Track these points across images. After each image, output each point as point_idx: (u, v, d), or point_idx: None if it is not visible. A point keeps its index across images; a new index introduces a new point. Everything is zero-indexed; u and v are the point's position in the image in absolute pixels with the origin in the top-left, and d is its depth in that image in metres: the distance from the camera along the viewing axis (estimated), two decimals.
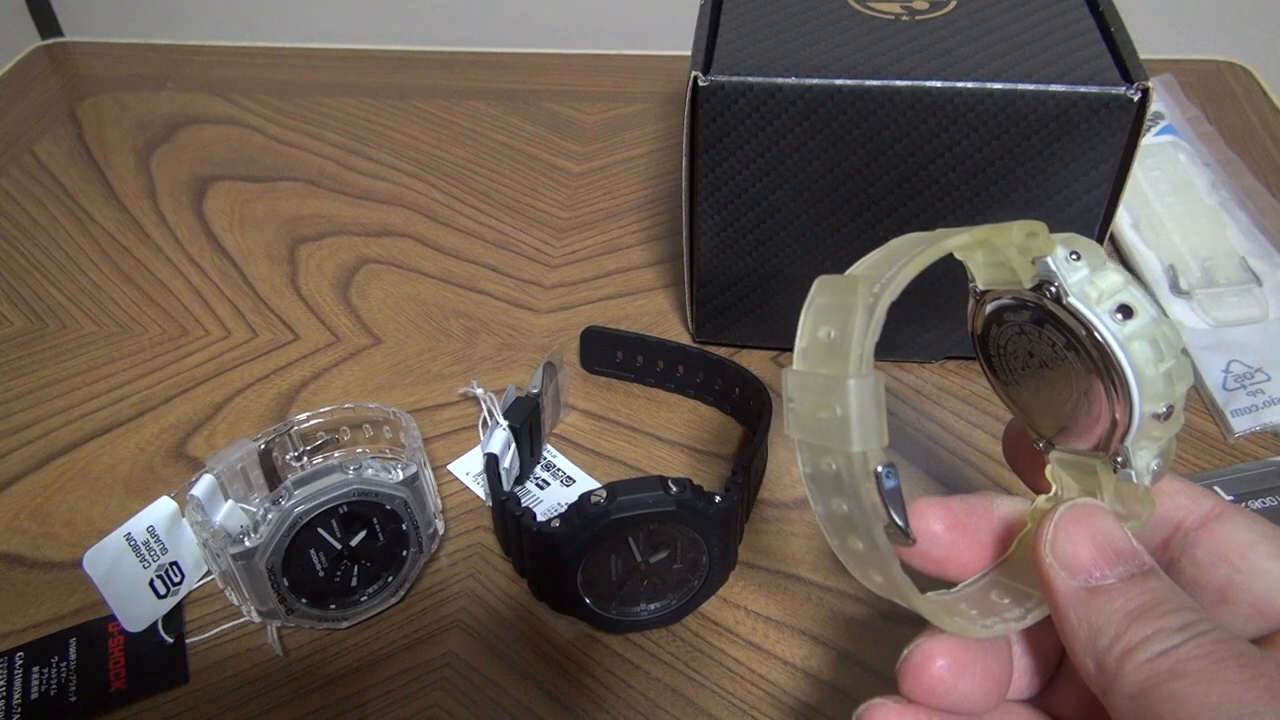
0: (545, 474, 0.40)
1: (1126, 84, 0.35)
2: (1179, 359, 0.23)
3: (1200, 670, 0.19)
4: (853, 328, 0.21)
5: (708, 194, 0.39)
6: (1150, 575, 0.22)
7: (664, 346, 0.42)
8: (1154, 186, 0.51)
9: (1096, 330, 0.23)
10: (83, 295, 0.50)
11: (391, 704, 0.33)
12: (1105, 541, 0.22)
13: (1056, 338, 0.24)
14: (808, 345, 0.23)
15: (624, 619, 0.34)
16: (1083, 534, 0.22)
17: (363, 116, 0.63)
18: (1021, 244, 0.24)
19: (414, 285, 0.50)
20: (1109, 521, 0.23)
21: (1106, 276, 0.23)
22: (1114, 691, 0.20)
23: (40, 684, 0.33)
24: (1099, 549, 0.22)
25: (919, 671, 0.23)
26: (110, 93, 0.66)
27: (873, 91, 0.36)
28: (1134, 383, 0.23)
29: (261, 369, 0.45)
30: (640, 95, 0.64)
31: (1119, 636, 0.21)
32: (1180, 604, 0.21)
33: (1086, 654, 0.21)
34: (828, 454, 0.22)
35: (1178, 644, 0.20)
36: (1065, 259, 0.23)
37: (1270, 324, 0.44)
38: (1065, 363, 0.24)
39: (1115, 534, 0.23)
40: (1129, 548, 0.22)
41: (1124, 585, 0.21)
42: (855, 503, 0.22)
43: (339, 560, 0.34)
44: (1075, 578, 0.22)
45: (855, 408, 0.21)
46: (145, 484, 0.40)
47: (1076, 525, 0.23)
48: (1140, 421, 0.23)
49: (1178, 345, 0.23)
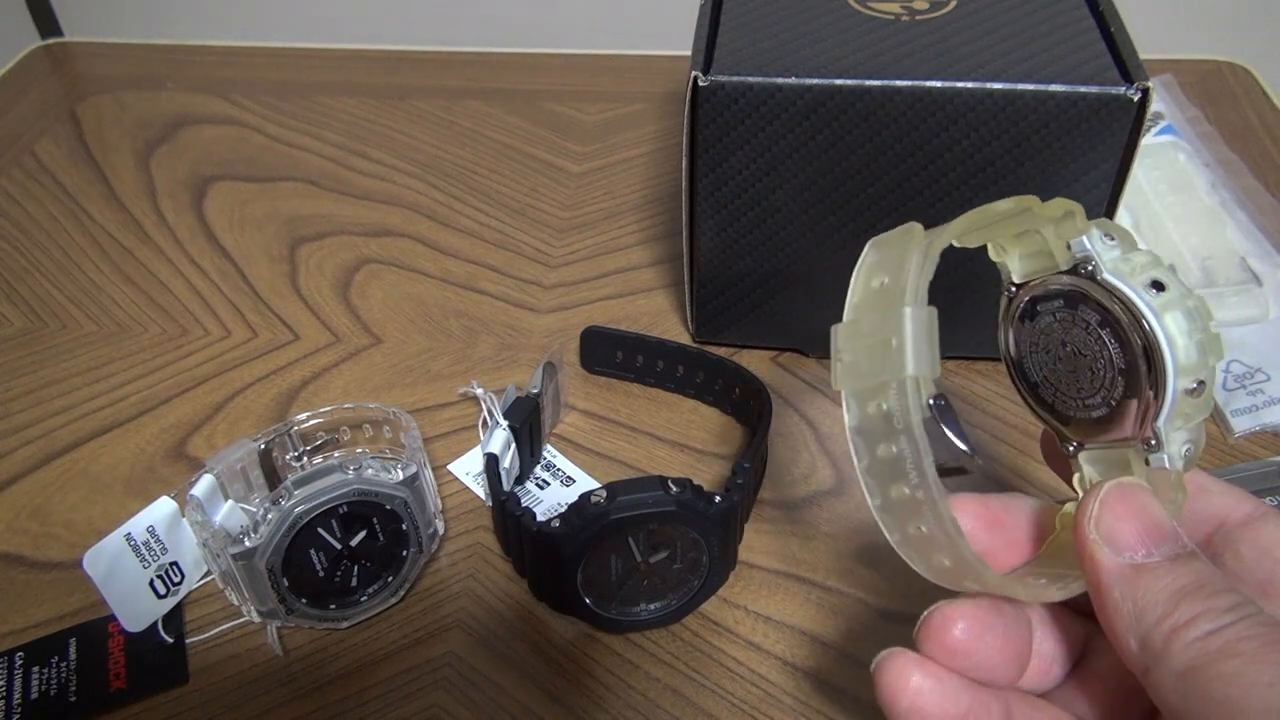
0: (545, 474, 0.40)
1: (1126, 84, 0.35)
2: (1209, 332, 0.23)
3: (1252, 651, 0.19)
4: (909, 266, 0.22)
5: (708, 194, 0.39)
6: (1194, 557, 0.22)
7: (664, 346, 0.42)
8: (1154, 186, 0.51)
9: (1132, 302, 0.24)
10: (83, 295, 0.50)
11: (391, 704, 0.33)
12: (1150, 520, 0.22)
13: (1091, 317, 0.25)
14: (860, 299, 0.24)
15: (624, 619, 0.34)
16: (1128, 511, 0.22)
17: (363, 116, 0.63)
18: (1059, 221, 0.25)
19: (414, 285, 0.50)
20: (1153, 501, 0.23)
21: (1139, 255, 0.24)
22: (1159, 669, 0.20)
23: (40, 684, 0.33)
24: (1144, 527, 0.22)
25: (939, 633, 0.23)
26: (110, 93, 0.66)
27: (873, 91, 0.36)
28: (1168, 353, 0.23)
29: (261, 369, 0.45)
30: (640, 95, 0.64)
31: (1166, 615, 0.21)
32: (1226, 586, 0.21)
33: (1130, 632, 0.21)
34: (878, 394, 0.23)
35: (1228, 623, 0.20)
36: (1100, 239, 0.24)
37: (1270, 324, 0.44)
38: (1099, 344, 0.24)
39: (1159, 514, 0.23)
40: (1172, 529, 0.22)
41: (1169, 564, 0.21)
42: (907, 436, 0.22)
43: (339, 560, 0.34)
44: (1120, 554, 0.22)
45: (910, 333, 0.22)
46: (145, 484, 0.40)
47: (1122, 502, 0.23)
48: (1174, 397, 0.23)
49: (1208, 318, 0.23)
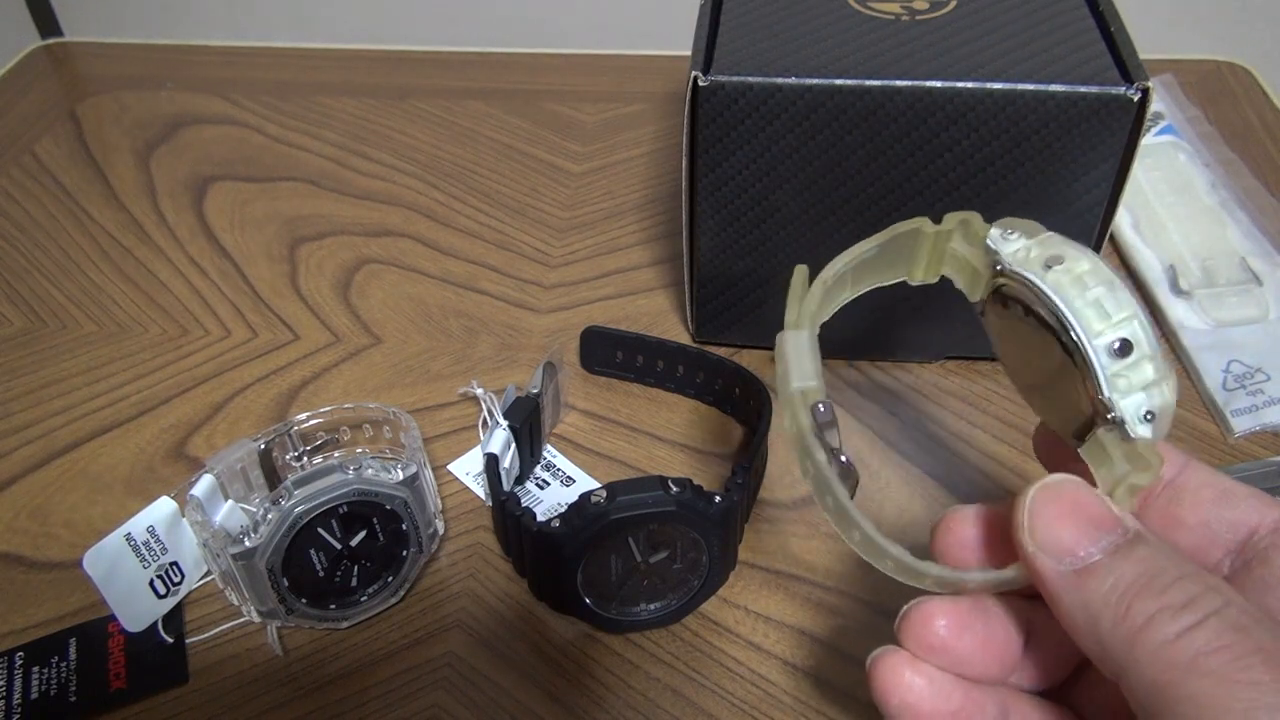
0: (545, 474, 0.40)
1: (1126, 84, 0.35)
2: (1112, 290, 0.23)
3: (1222, 669, 0.18)
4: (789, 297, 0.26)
5: (708, 194, 0.39)
6: (1137, 543, 0.21)
7: (664, 346, 0.42)
8: (1154, 186, 0.51)
9: (1030, 283, 0.24)
10: (83, 295, 0.50)
11: (391, 704, 0.33)
12: (1083, 515, 0.21)
13: (1018, 310, 0.25)
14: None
15: (624, 619, 0.34)
16: (1057, 512, 0.21)
17: (363, 116, 0.63)
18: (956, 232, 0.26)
19: (414, 285, 0.50)
20: (1082, 492, 0.22)
21: (1043, 243, 0.25)
22: (1128, 678, 0.19)
23: (40, 684, 0.33)
24: (1077, 525, 0.21)
25: (919, 630, 0.23)
26: (110, 93, 0.66)
27: (873, 91, 0.36)
28: (1070, 319, 0.23)
29: (261, 369, 0.45)
30: (640, 95, 0.64)
31: (1120, 618, 0.19)
32: (1179, 572, 0.20)
33: (1088, 639, 0.20)
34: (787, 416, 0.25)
35: (1191, 625, 0.18)
36: (1000, 236, 0.26)
37: (1270, 324, 0.44)
38: (1037, 333, 0.25)
39: (1091, 504, 0.21)
40: (1108, 515, 0.21)
41: (1111, 560, 0.20)
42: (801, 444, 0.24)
43: (339, 560, 0.34)
44: (1061, 561, 0.21)
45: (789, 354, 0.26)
46: (145, 484, 0.40)
47: (1049, 504, 0.22)
48: (1099, 362, 0.23)
49: (1106, 278, 0.23)
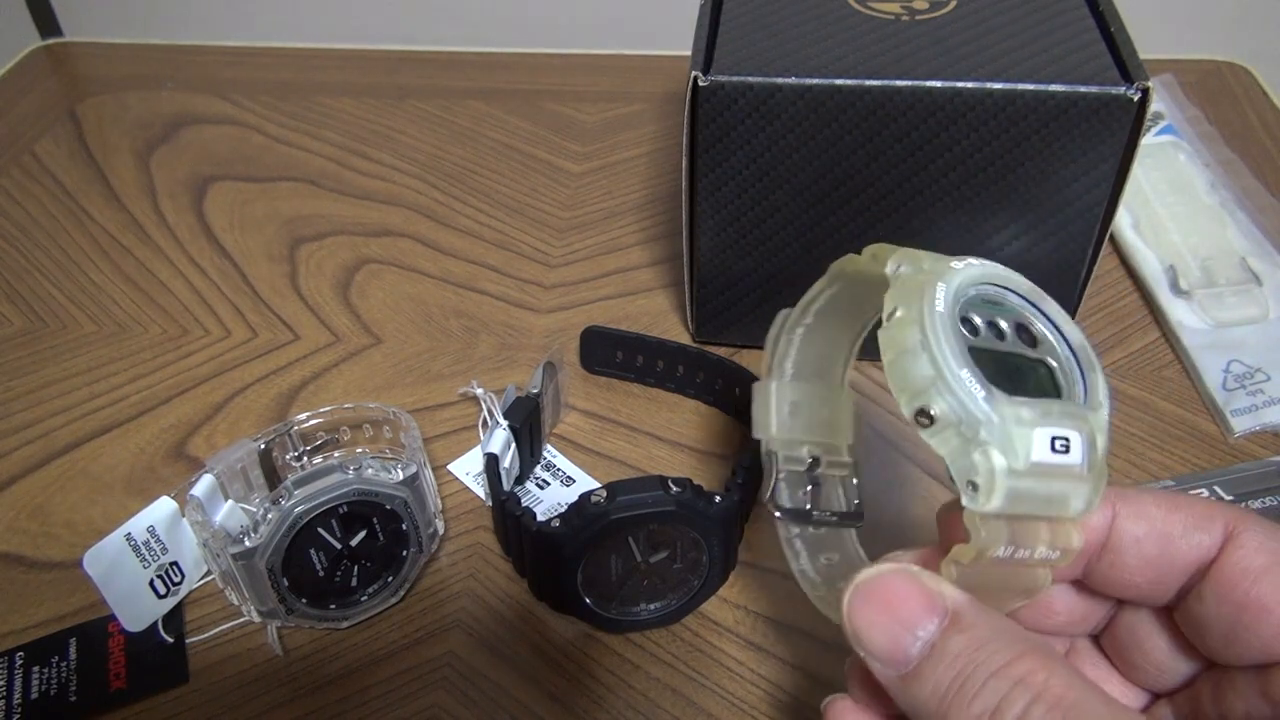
0: (545, 474, 0.40)
1: (1126, 84, 0.35)
2: (912, 354, 0.21)
3: None
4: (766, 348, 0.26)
5: (708, 194, 0.39)
6: (953, 633, 0.20)
7: (664, 346, 0.42)
8: (1154, 186, 0.51)
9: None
10: (83, 295, 0.50)
11: (391, 704, 0.33)
12: (896, 615, 0.21)
13: None
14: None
15: (624, 619, 0.34)
16: (873, 614, 0.21)
17: (363, 116, 0.63)
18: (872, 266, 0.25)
19: (414, 285, 0.50)
20: (894, 585, 0.21)
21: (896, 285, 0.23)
22: None
23: (40, 684, 0.33)
24: (892, 626, 0.21)
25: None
26: (110, 93, 0.66)
27: (873, 91, 0.36)
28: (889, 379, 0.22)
29: (261, 369, 0.45)
30: (640, 95, 0.64)
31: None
32: (991, 668, 0.19)
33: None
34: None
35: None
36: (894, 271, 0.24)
37: (1270, 324, 0.44)
38: None
39: (903, 600, 0.21)
40: (919, 611, 0.20)
41: (925, 664, 0.20)
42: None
43: (339, 560, 0.34)
44: (887, 667, 0.21)
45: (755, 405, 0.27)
46: (145, 484, 0.40)
47: (865, 605, 0.21)
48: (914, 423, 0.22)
49: (909, 343, 0.22)
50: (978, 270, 0.23)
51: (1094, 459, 0.21)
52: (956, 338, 0.21)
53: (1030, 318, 0.23)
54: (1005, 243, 0.39)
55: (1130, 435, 0.41)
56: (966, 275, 0.22)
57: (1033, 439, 0.21)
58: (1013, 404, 0.21)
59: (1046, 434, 0.21)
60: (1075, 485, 0.21)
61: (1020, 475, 0.21)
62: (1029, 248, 0.39)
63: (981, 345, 0.22)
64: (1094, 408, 0.22)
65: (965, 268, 0.23)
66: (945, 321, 0.21)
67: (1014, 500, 0.21)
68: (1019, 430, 0.21)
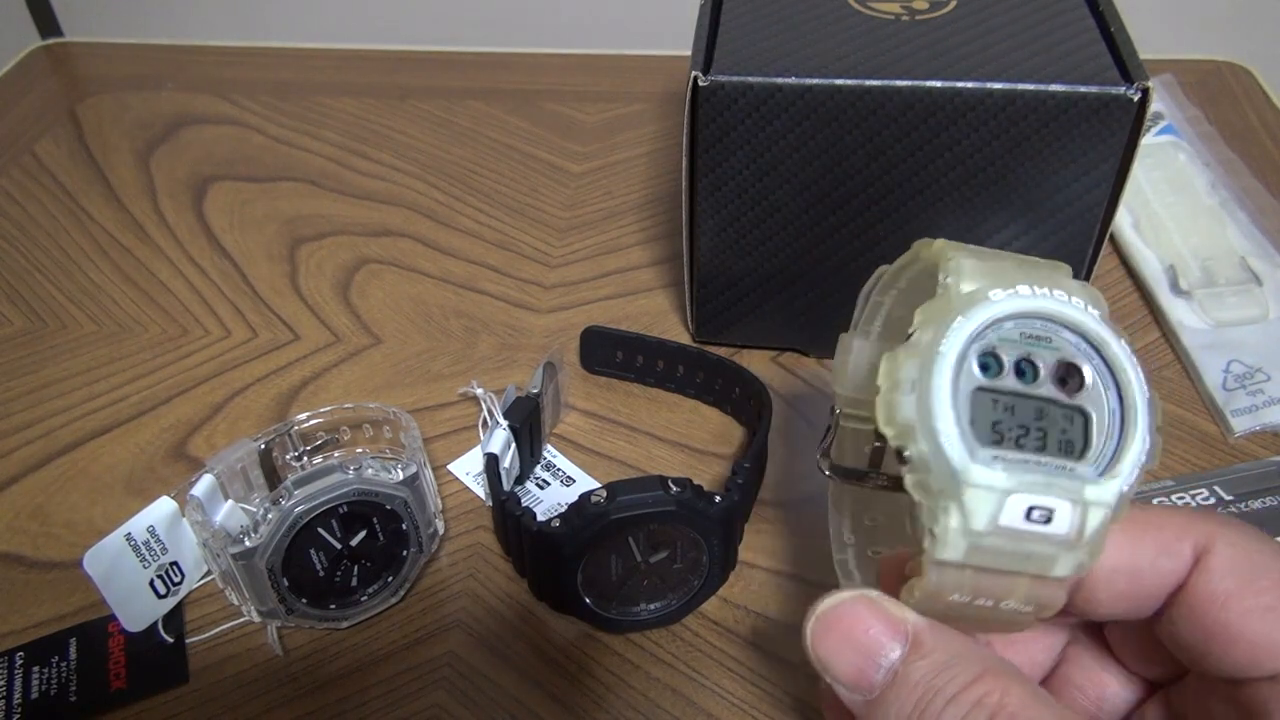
0: (545, 474, 0.40)
1: (1126, 84, 0.35)
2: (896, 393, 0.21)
3: None
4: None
5: (708, 194, 0.39)
6: (914, 658, 0.20)
7: (664, 346, 0.42)
8: (1154, 186, 0.51)
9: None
10: (83, 295, 0.50)
11: (391, 704, 0.33)
12: (857, 643, 0.21)
13: None
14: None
15: (624, 619, 0.34)
16: (835, 642, 0.21)
17: (363, 116, 0.63)
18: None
19: (414, 285, 0.50)
20: (854, 612, 0.21)
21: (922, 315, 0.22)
22: None
23: (40, 684, 0.33)
24: (854, 655, 0.21)
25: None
26: (110, 93, 0.66)
27: (873, 91, 0.36)
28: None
29: (261, 369, 0.45)
30: (640, 95, 0.64)
31: None
32: (949, 694, 0.20)
33: None
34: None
35: None
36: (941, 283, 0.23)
37: (1270, 324, 0.44)
38: None
39: (863, 627, 0.21)
40: (881, 636, 0.21)
41: (888, 693, 0.20)
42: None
43: (339, 560, 0.34)
44: (853, 692, 0.21)
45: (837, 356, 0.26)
46: (145, 484, 0.40)
47: (827, 634, 0.21)
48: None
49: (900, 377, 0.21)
50: (1021, 303, 0.21)
51: (1086, 531, 0.20)
52: (953, 383, 0.20)
53: (1081, 360, 0.21)
54: (1005, 243, 0.39)
55: None
56: (1000, 309, 0.21)
57: (1004, 505, 0.20)
58: (990, 467, 0.20)
59: (1023, 501, 0.20)
60: (1060, 551, 0.20)
61: (983, 535, 0.20)
62: (1029, 248, 0.39)
63: (998, 386, 0.21)
64: (1111, 476, 0.21)
65: (1005, 299, 0.21)
66: (947, 364, 0.21)
67: (976, 555, 0.20)
68: (987, 495, 0.20)
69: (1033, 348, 0.21)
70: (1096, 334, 0.21)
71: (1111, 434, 0.21)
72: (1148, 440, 0.21)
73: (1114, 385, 0.21)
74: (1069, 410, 0.21)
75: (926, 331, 0.21)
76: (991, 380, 0.21)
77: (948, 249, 0.22)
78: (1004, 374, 0.21)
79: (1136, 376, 0.21)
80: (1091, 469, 0.21)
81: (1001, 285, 0.21)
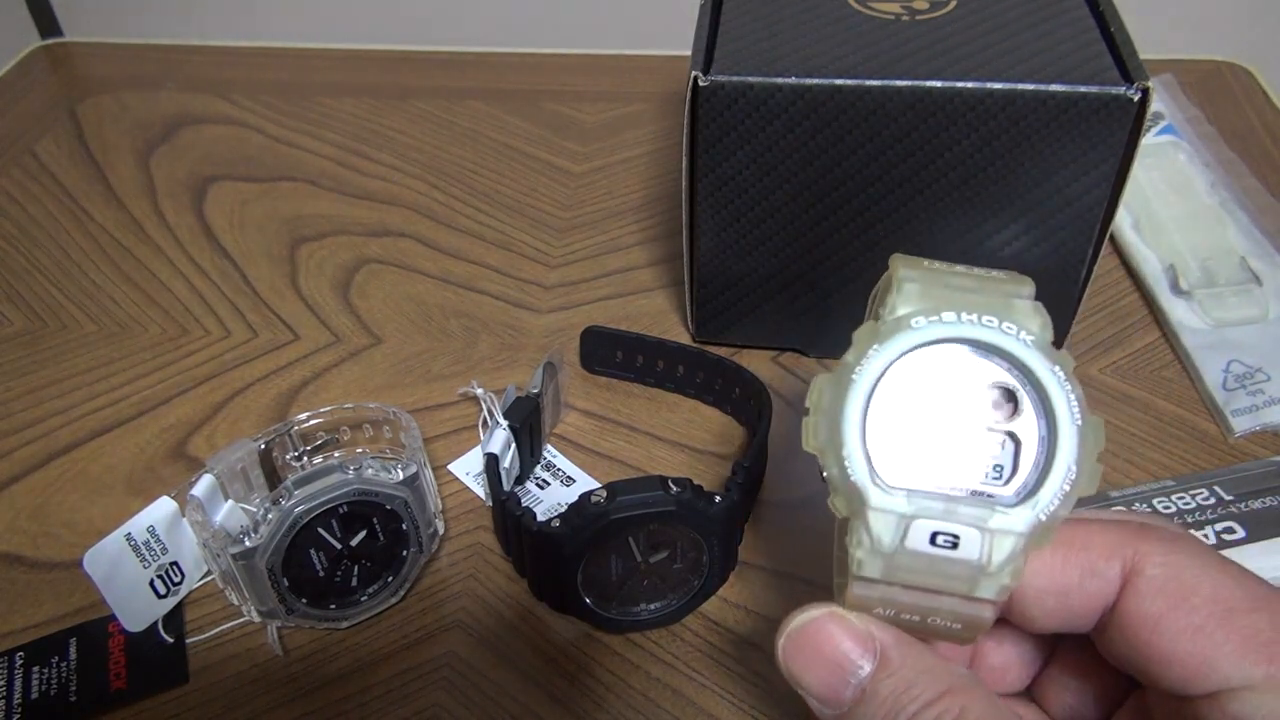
0: (545, 474, 0.40)
1: (1126, 84, 0.35)
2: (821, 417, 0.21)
3: None
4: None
5: (708, 194, 0.39)
6: (881, 675, 0.21)
7: (664, 346, 0.42)
8: (1154, 186, 0.51)
9: None
10: (83, 295, 0.50)
11: (391, 704, 0.33)
12: (827, 660, 0.21)
13: None
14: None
15: (624, 619, 0.34)
16: (807, 659, 0.22)
17: (363, 116, 0.63)
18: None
19: (414, 285, 0.50)
20: (823, 628, 0.22)
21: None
22: None
23: (40, 684, 0.33)
24: (824, 671, 0.21)
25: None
26: (110, 93, 0.66)
27: (873, 91, 0.36)
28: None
29: (261, 369, 0.45)
30: (640, 95, 0.64)
31: None
32: (912, 710, 0.20)
33: None
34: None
35: None
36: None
37: (1270, 324, 0.44)
38: None
39: (832, 643, 0.21)
40: (850, 651, 0.21)
41: (859, 706, 0.21)
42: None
43: (339, 560, 0.34)
44: (823, 705, 0.21)
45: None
46: (145, 484, 0.40)
47: (799, 651, 0.22)
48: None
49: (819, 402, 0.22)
50: (944, 330, 0.21)
51: (993, 559, 0.20)
52: (864, 409, 0.21)
53: (1015, 385, 0.21)
54: (1005, 243, 0.39)
55: (1130, 435, 0.41)
56: (920, 337, 0.21)
57: (909, 530, 0.21)
58: (891, 494, 0.21)
59: (926, 527, 0.21)
60: (977, 574, 0.21)
61: (895, 555, 0.21)
62: (1029, 248, 0.39)
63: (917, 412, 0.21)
64: (1027, 504, 0.21)
65: (927, 327, 0.21)
66: (860, 391, 0.21)
67: (894, 573, 0.21)
68: (887, 519, 0.21)
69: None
70: (1023, 360, 0.21)
71: (1039, 461, 0.21)
72: (1073, 469, 0.21)
73: (1045, 412, 0.21)
74: (1002, 434, 0.21)
75: (849, 356, 0.21)
76: (908, 408, 0.21)
77: (899, 268, 0.22)
78: (925, 400, 0.21)
79: (1067, 404, 0.21)
80: (1013, 495, 0.21)
81: (930, 312, 0.21)
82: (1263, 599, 0.20)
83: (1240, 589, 0.20)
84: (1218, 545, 0.35)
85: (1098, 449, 0.21)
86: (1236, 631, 0.19)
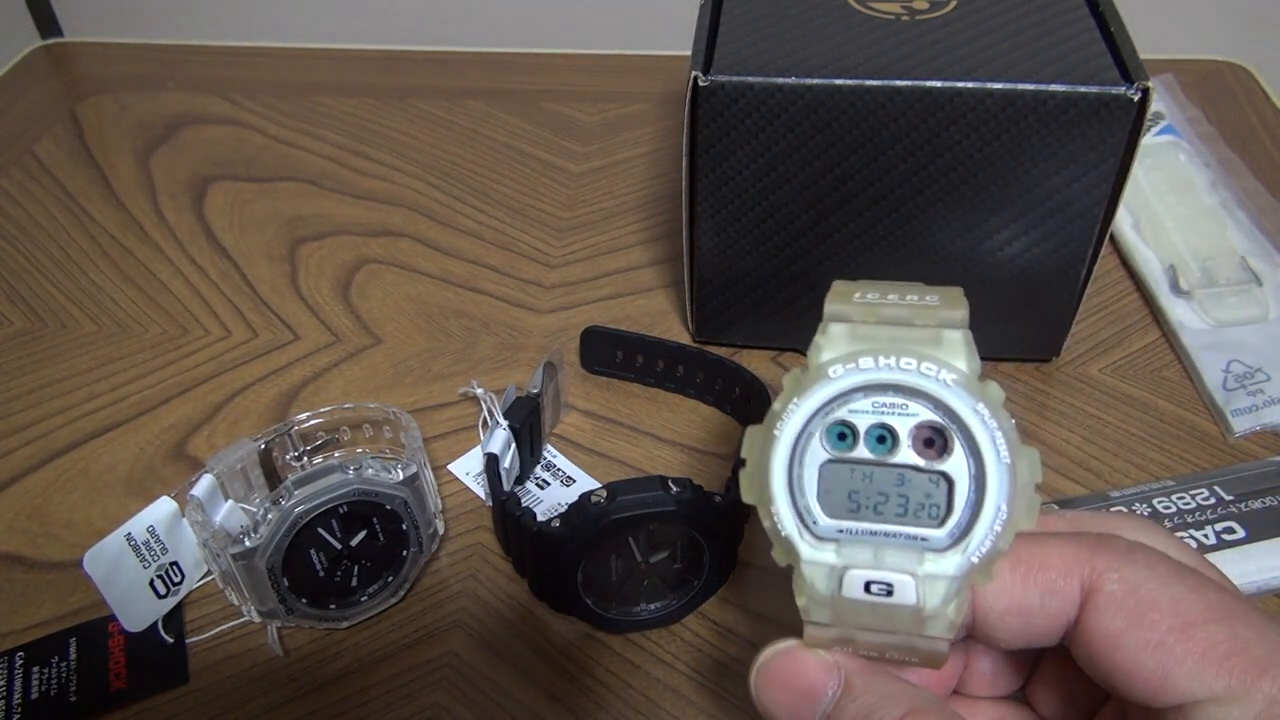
0: (545, 474, 0.40)
1: (1126, 84, 0.35)
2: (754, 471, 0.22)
3: None
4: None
5: (708, 194, 0.39)
6: (845, 702, 0.21)
7: (664, 346, 0.42)
8: (1154, 186, 0.51)
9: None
10: (83, 295, 0.50)
11: (391, 704, 0.33)
12: (795, 691, 0.22)
13: None
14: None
15: (624, 619, 0.34)
16: (777, 692, 0.22)
17: (363, 116, 0.63)
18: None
19: (414, 285, 0.50)
20: (791, 661, 0.22)
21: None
22: None
23: (40, 684, 0.33)
24: (793, 702, 0.22)
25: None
26: (110, 93, 0.66)
27: (873, 91, 0.36)
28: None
29: (261, 369, 0.45)
30: (640, 95, 0.64)
31: None
32: None
33: None
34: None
35: None
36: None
37: (1270, 324, 0.44)
38: None
39: (799, 675, 0.22)
40: (816, 681, 0.22)
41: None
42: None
43: (339, 560, 0.34)
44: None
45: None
46: (145, 484, 0.40)
47: (770, 684, 0.22)
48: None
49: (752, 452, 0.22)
50: (862, 377, 0.21)
51: (928, 604, 0.20)
52: (789, 463, 0.21)
53: (945, 426, 0.21)
54: (1005, 243, 0.39)
55: (1130, 435, 0.41)
56: (839, 386, 0.21)
57: (843, 579, 0.21)
58: (820, 547, 0.21)
59: (859, 576, 0.21)
60: (921, 616, 0.21)
61: (834, 601, 0.21)
62: (1029, 248, 0.39)
63: (851, 457, 0.21)
64: (959, 550, 0.20)
65: (844, 375, 0.21)
66: (783, 446, 0.21)
67: (843, 617, 0.21)
68: (819, 570, 0.21)
69: (887, 416, 0.21)
70: (945, 401, 0.21)
71: (969, 500, 0.21)
72: (1003, 509, 0.20)
73: (972, 451, 0.21)
74: (933, 475, 0.21)
75: (776, 404, 0.22)
76: (844, 452, 0.21)
77: (829, 303, 0.22)
78: (858, 444, 0.21)
79: (992, 443, 0.20)
80: (946, 536, 0.21)
81: (848, 359, 0.21)
82: (1221, 609, 0.20)
83: (1199, 600, 0.20)
84: (1218, 545, 0.35)
85: (1034, 481, 0.21)
86: (1196, 645, 0.19)
